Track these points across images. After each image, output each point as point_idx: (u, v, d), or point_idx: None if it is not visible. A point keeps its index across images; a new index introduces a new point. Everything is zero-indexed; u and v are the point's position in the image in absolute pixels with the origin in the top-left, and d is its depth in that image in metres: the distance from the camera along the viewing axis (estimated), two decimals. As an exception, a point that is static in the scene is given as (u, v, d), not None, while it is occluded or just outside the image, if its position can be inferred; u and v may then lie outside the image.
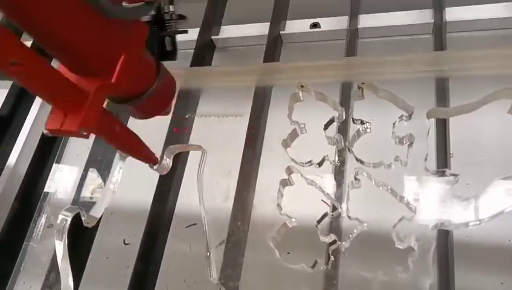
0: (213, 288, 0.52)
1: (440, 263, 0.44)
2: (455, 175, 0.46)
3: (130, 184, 0.59)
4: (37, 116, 0.79)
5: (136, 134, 0.40)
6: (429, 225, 0.44)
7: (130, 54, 0.33)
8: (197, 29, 0.67)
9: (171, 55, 0.40)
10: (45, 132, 0.33)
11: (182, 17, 0.40)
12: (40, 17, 0.28)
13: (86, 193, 0.59)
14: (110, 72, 0.32)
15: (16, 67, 0.28)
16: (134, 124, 0.41)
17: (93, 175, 0.60)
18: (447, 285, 0.43)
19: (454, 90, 0.52)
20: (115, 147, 0.40)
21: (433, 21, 0.58)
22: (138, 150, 0.41)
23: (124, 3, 0.32)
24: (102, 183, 0.58)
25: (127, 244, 0.61)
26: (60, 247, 0.54)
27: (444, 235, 0.45)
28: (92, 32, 0.31)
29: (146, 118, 0.41)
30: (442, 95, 0.51)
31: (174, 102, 0.45)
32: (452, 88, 0.52)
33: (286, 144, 0.53)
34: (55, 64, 0.33)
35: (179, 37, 0.42)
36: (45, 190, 0.62)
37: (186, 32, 0.41)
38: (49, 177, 0.63)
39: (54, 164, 0.63)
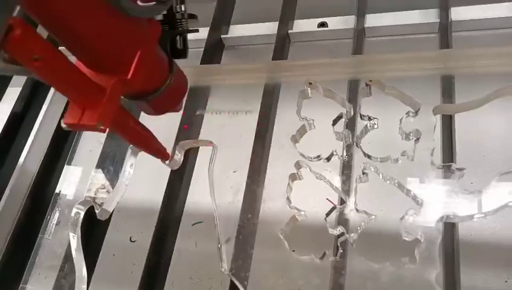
0: (218, 285, 0.53)
1: (446, 255, 0.45)
2: (461, 169, 0.47)
3: (136, 182, 0.60)
4: (46, 113, 0.80)
5: (149, 130, 0.40)
6: (435, 217, 0.45)
7: (145, 51, 0.34)
8: (207, 28, 0.68)
9: (182, 53, 0.41)
10: (63, 126, 0.34)
11: (192, 16, 0.41)
12: (61, 13, 0.29)
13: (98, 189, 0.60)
14: (126, 69, 0.33)
15: (40, 63, 0.28)
16: (146, 121, 0.42)
17: (104, 173, 0.61)
18: (452, 278, 0.44)
19: (460, 87, 0.53)
20: (129, 141, 0.41)
21: (439, 20, 0.59)
22: (151, 145, 0.42)
23: (139, 2, 0.33)
24: (115, 178, 0.60)
25: (134, 241, 0.62)
26: (74, 239, 0.55)
27: (449, 229, 0.46)
28: (110, 30, 0.32)
29: (158, 114, 0.42)
30: (448, 92, 0.52)
31: (185, 99, 0.46)
32: (457, 86, 0.53)
33: (295, 139, 0.55)
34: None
35: (189, 36, 0.43)
36: (57, 187, 0.63)
37: (197, 31, 0.42)
38: (62, 174, 0.64)
39: (66, 165, 0.64)
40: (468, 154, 0.50)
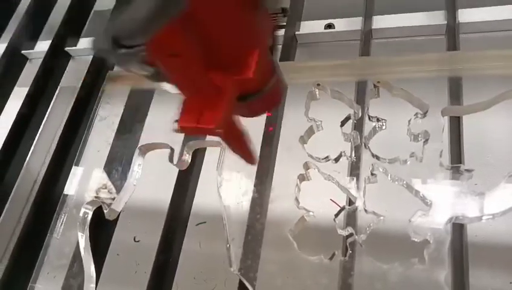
0: (222, 286, 0.53)
1: (454, 257, 0.45)
2: (469, 170, 0.47)
3: (139, 182, 0.60)
4: (52, 114, 0.81)
5: (246, 132, 0.37)
6: (444, 218, 0.45)
7: (263, 48, 0.32)
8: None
9: (272, 50, 0.37)
10: (176, 129, 0.31)
11: (283, 10, 0.37)
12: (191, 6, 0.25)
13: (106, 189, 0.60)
14: (244, 67, 0.31)
15: (176, 59, 0.27)
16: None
17: (112, 174, 0.61)
18: (461, 279, 0.44)
19: (467, 89, 0.53)
20: (229, 144, 0.37)
21: (446, 22, 0.60)
22: (246, 147, 0.38)
23: None
24: (123, 178, 0.60)
25: (138, 241, 0.62)
26: (82, 239, 0.55)
27: (458, 230, 0.46)
28: (238, 21, 0.29)
29: (253, 116, 0.38)
30: (455, 93, 0.52)
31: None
32: (465, 87, 0.53)
33: (303, 140, 0.55)
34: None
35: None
36: (65, 186, 0.63)
37: (284, 26, 0.38)
38: (70, 175, 0.64)
39: (74, 165, 0.64)
40: (474, 156, 0.50)
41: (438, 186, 0.47)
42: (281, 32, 0.64)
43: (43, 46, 0.79)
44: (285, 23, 0.37)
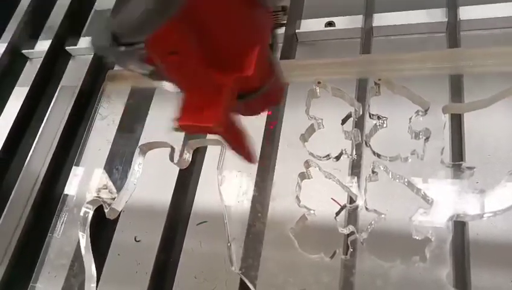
0: (223, 285, 0.53)
1: (456, 255, 0.45)
2: (471, 168, 0.47)
3: (140, 182, 0.60)
4: (53, 113, 0.80)
5: (246, 130, 0.37)
6: (445, 216, 0.45)
7: (263, 46, 0.32)
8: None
9: (272, 48, 0.37)
10: (176, 127, 0.31)
11: (284, 8, 0.37)
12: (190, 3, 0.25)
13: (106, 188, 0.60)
14: (244, 65, 0.31)
15: (175, 57, 0.26)
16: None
17: (113, 173, 0.61)
18: (463, 277, 0.44)
19: (468, 87, 0.53)
20: (228, 143, 0.36)
21: (447, 20, 0.59)
22: (245, 146, 0.38)
23: None
24: (124, 177, 0.60)
25: (138, 241, 0.62)
26: (83, 238, 0.55)
27: (459, 228, 0.46)
28: (236, 21, 0.29)
29: (253, 115, 0.38)
30: (456, 91, 0.52)
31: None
32: (466, 85, 0.53)
33: (304, 138, 0.55)
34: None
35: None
36: (66, 186, 0.63)
37: (285, 25, 0.38)
38: (71, 174, 0.64)
39: (74, 164, 0.64)
40: (475, 153, 0.50)
41: (439, 184, 0.47)
42: (281, 30, 0.64)
43: (43, 45, 0.79)
44: (285, 21, 0.36)
